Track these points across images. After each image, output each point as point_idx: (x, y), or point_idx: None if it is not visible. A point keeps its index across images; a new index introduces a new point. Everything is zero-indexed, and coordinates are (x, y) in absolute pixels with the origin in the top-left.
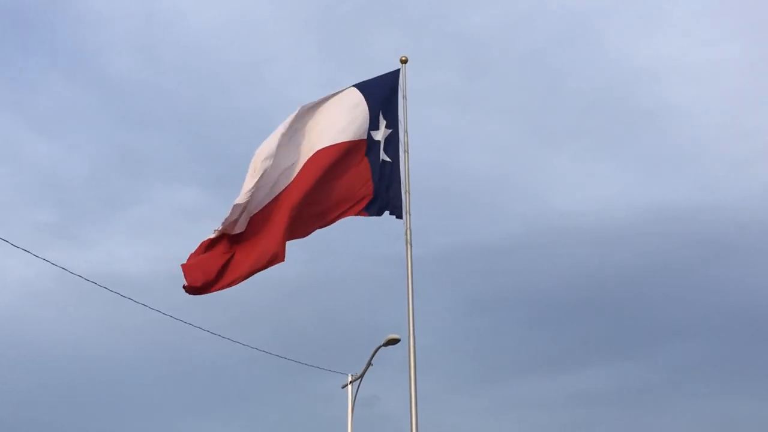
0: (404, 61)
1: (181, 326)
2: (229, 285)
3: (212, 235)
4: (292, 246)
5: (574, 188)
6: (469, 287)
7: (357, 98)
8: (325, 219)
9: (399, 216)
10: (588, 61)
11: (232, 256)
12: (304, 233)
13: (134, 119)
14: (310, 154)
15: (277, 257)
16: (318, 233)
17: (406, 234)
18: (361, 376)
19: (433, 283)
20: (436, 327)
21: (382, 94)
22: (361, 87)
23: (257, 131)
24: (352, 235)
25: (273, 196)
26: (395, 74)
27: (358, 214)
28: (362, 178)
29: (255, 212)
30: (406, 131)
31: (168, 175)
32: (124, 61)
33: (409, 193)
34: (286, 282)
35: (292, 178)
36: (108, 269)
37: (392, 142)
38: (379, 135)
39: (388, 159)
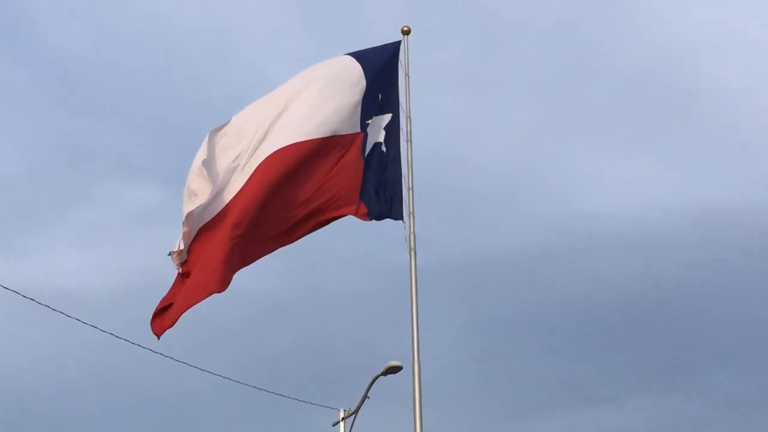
0: (406, 32)
1: (138, 351)
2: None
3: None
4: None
5: (607, 186)
6: (483, 304)
7: (355, 73)
8: (293, 233)
9: (400, 218)
10: (624, 33)
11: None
12: (262, 252)
13: (79, 103)
14: (276, 149)
15: (209, 288)
16: (302, 239)
17: (408, 239)
18: (356, 412)
19: (441, 298)
20: (444, 352)
21: (382, 69)
22: (360, 57)
23: (224, 117)
24: (342, 240)
25: (217, 209)
26: (395, 47)
27: (340, 216)
28: (352, 176)
29: (201, 224)
30: (408, 117)
31: (121, 171)
32: (67, 32)
33: (412, 191)
34: (264, 297)
35: (243, 183)
36: (49, 283)
37: (391, 129)
38: (378, 121)
39: (385, 150)
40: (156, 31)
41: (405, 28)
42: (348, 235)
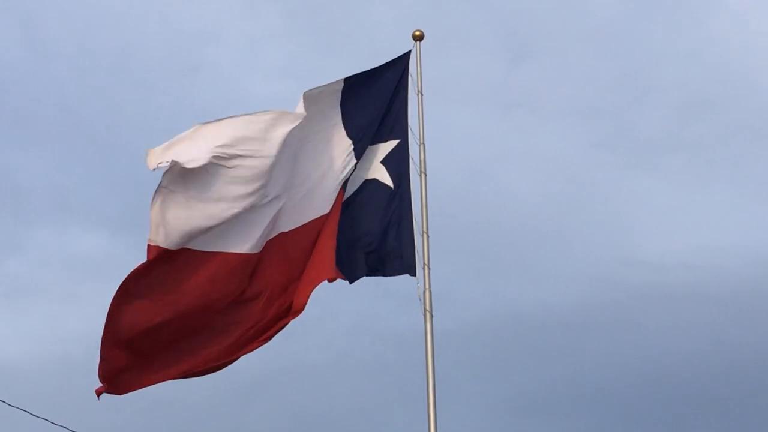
0: (418, 38)
1: None
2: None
3: None
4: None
5: (667, 227)
6: (517, 377)
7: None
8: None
9: (409, 271)
10: (688, 40)
11: None
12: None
13: (5, 126)
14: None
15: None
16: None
17: (423, 298)
18: None
19: (464, 370)
20: None
21: (384, 83)
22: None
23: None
24: (340, 300)
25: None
26: (402, 61)
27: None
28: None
29: None
30: (421, 143)
31: (58, 212)
32: None
33: (426, 235)
34: (239, 371)
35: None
36: None
37: (397, 158)
38: (372, 153)
39: (390, 184)
40: (106, 37)
41: (417, 33)
42: (346, 293)
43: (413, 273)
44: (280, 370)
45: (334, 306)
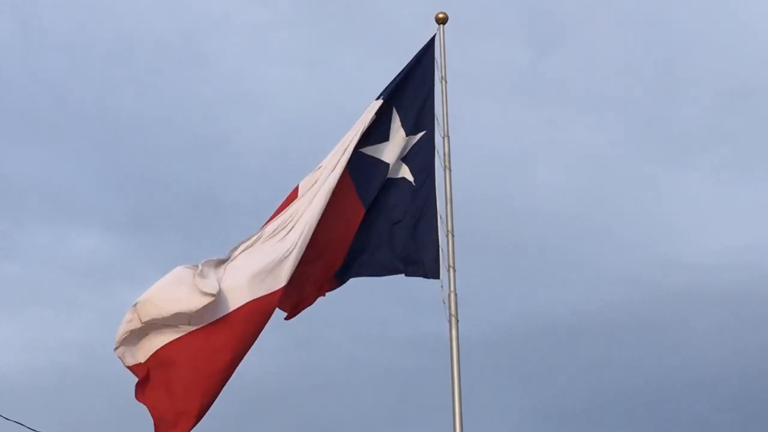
0: (442, 21)
1: None
2: None
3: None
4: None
5: (706, 225)
6: (548, 386)
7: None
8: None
9: (435, 276)
10: (727, 25)
11: None
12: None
13: (1, 123)
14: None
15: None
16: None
17: (447, 303)
18: None
19: (491, 379)
20: None
21: (413, 72)
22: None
23: (195, 142)
24: (357, 305)
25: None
26: (428, 49)
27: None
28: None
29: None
30: (446, 136)
31: (55, 213)
32: None
33: (452, 236)
34: (249, 384)
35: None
36: None
37: (422, 151)
38: (395, 145)
39: (412, 180)
40: (102, 31)
41: (440, 15)
42: (363, 299)
43: (436, 276)
44: (290, 380)
45: (348, 310)
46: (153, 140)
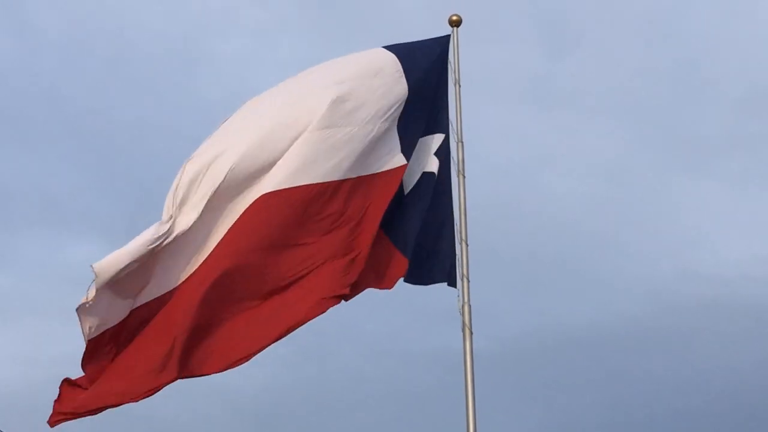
0: (456, 23)
1: None
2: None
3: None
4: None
5: (730, 236)
6: (565, 401)
7: (394, 75)
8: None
9: (451, 283)
10: (747, 27)
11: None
12: (235, 359)
13: None
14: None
15: (127, 395)
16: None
17: (462, 312)
18: None
19: (506, 393)
20: None
21: (430, 72)
22: (397, 53)
23: (195, 148)
24: (365, 315)
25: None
26: (442, 44)
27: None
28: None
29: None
30: (460, 141)
31: (49, 220)
32: None
33: (466, 244)
34: (246, 396)
35: (215, 244)
36: None
37: (443, 154)
38: (426, 144)
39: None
40: (98, 34)
41: (454, 18)
42: (372, 308)
43: (453, 283)
44: (296, 395)
45: (355, 322)
46: (151, 145)
